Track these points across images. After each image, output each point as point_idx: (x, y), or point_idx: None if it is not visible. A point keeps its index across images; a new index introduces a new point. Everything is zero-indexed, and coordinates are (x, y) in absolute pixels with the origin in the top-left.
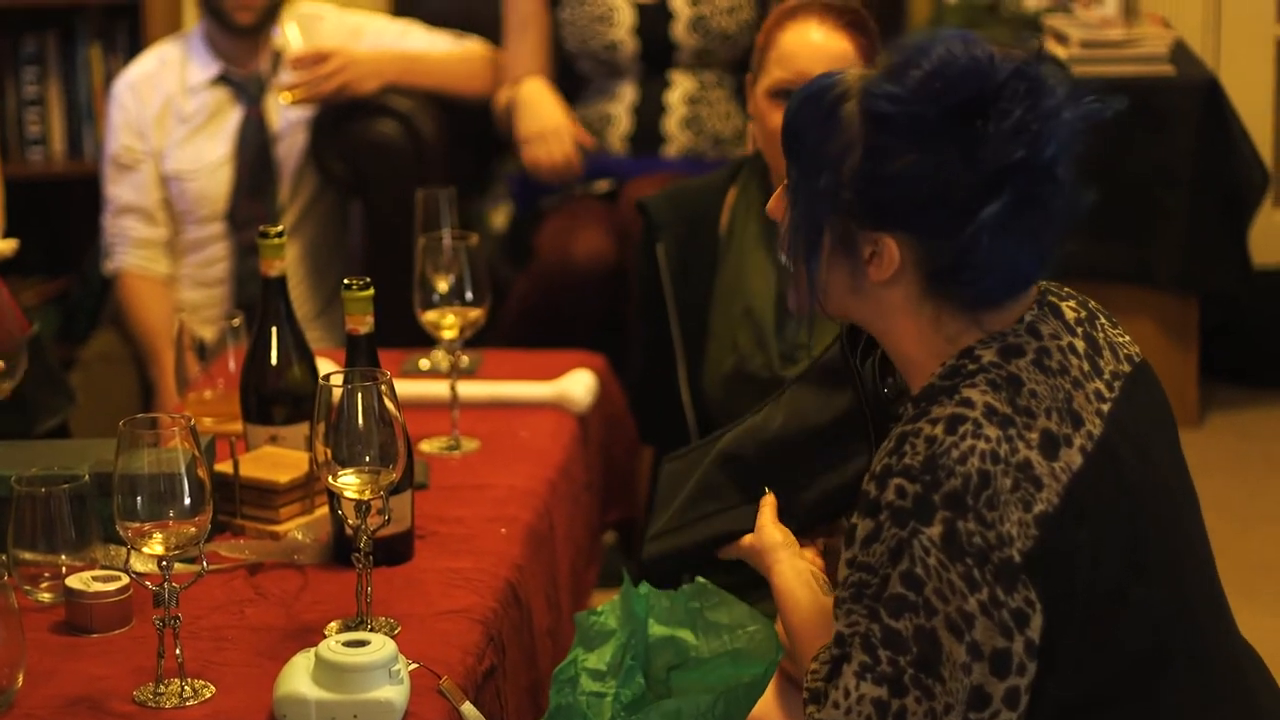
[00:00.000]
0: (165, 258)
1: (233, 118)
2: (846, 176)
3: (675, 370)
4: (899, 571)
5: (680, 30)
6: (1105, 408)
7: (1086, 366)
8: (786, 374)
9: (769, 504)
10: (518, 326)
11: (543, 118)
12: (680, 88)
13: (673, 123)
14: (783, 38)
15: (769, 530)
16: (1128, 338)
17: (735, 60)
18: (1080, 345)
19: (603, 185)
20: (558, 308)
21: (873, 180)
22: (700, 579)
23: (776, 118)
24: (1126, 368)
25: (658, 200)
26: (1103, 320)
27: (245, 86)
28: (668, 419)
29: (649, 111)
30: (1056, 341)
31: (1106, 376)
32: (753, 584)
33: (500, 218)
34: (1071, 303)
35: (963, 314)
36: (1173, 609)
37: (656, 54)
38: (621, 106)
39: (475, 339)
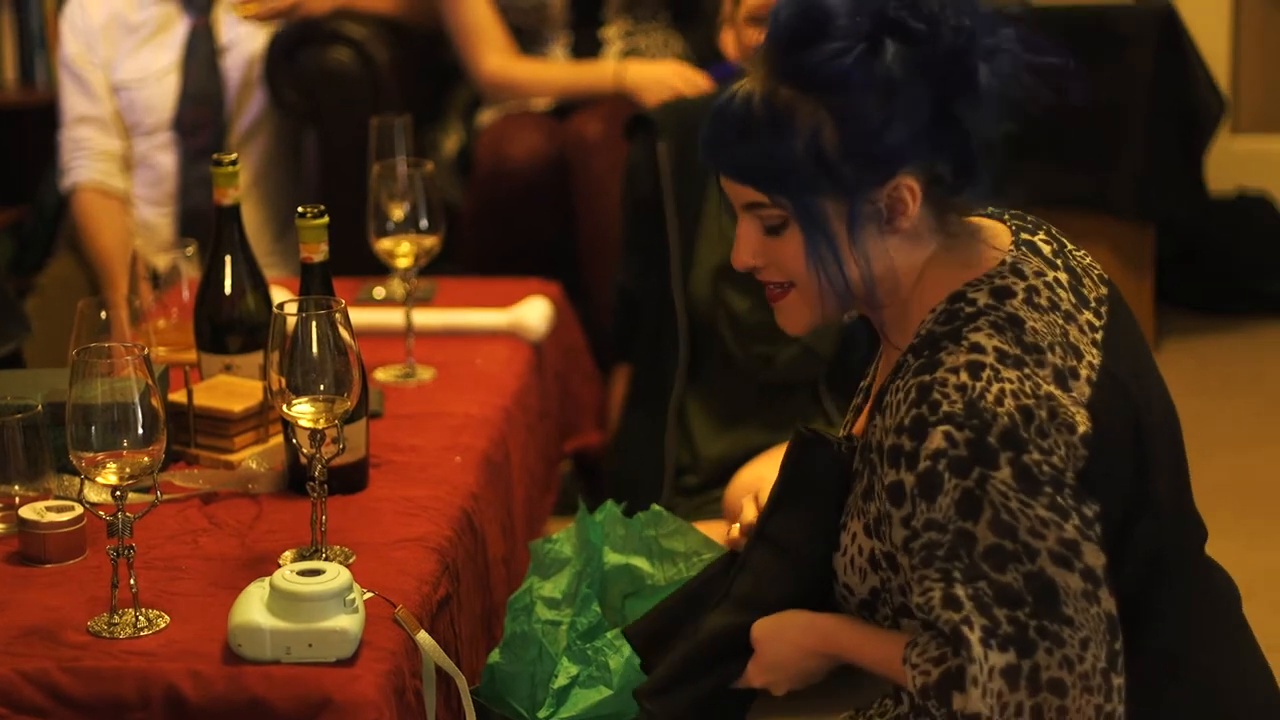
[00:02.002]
0: (121, 173)
1: (180, 28)
2: (834, 155)
3: (667, 275)
4: (984, 522)
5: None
6: (1099, 336)
7: (1073, 298)
8: None
9: None
10: (471, 243)
11: (660, 86)
12: (614, 26)
13: (610, 61)
14: None
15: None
16: (1090, 258)
17: (664, 16)
18: (1064, 278)
19: None
20: (501, 208)
21: (863, 138)
22: (656, 506)
23: (754, 36)
24: (1105, 290)
25: (658, 109)
26: (1070, 247)
27: (193, 0)
28: (655, 329)
29: (586, 53)
30: (1042, 278)
31: (1093, 304)
32: (706, 496)
33: (452, 144)
34: (1042, 234)
35: (957, 246)
36: (1170, 540)
37: (585, 7)
38: (559, 49)
39: (430, 267)
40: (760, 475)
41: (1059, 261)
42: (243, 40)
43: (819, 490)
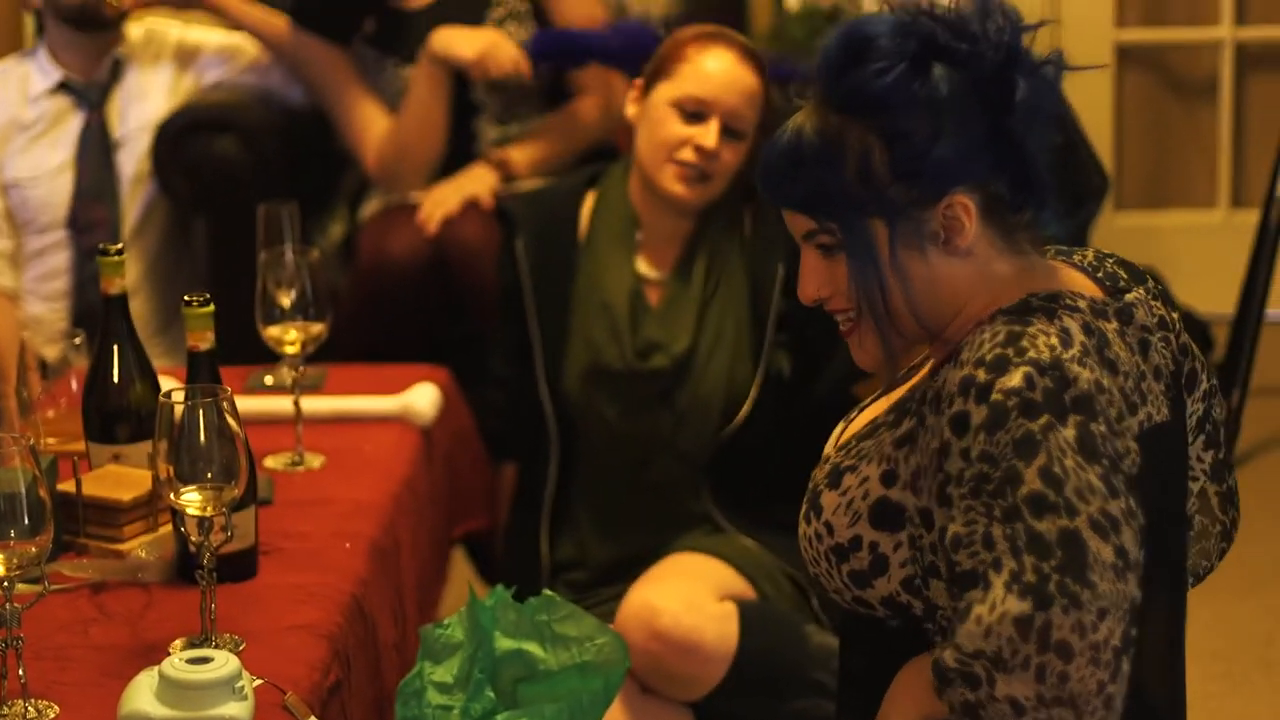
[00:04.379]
0: (10, 271)
1: (73, 124)
2: (883, 176)
3: (534, 372)
4: (1036, 467)
5: (479, 92)
6: (1165, 408)
7: (1163, 366)
8: (641, 368)
9: None
10: (347, 332)
11: (473, 38)
12: (486, 134)
13: (485, 145)
14: (703, 58)
15: None
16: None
17: (536, 103)
18: (1160, 347)
19: None
20: (379, 304)
21: (911, 157)
22: (547, 591)
23: (676, 129)
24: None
25: (517, 200)
26: (1171, 335)
27: (86, 94)
28: (530, 426)
29: (458, 151)
30: (1145, 334)
31: (1164, 387)
32: (595, 596)
33: (338, 231)
34: (1159, 303)
35: (1037, 270)
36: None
37: (460, 114)
38: None
39: (318, 353)
40: (648, 602)
41: (1157, 335)
42: (137, 134)
43: None
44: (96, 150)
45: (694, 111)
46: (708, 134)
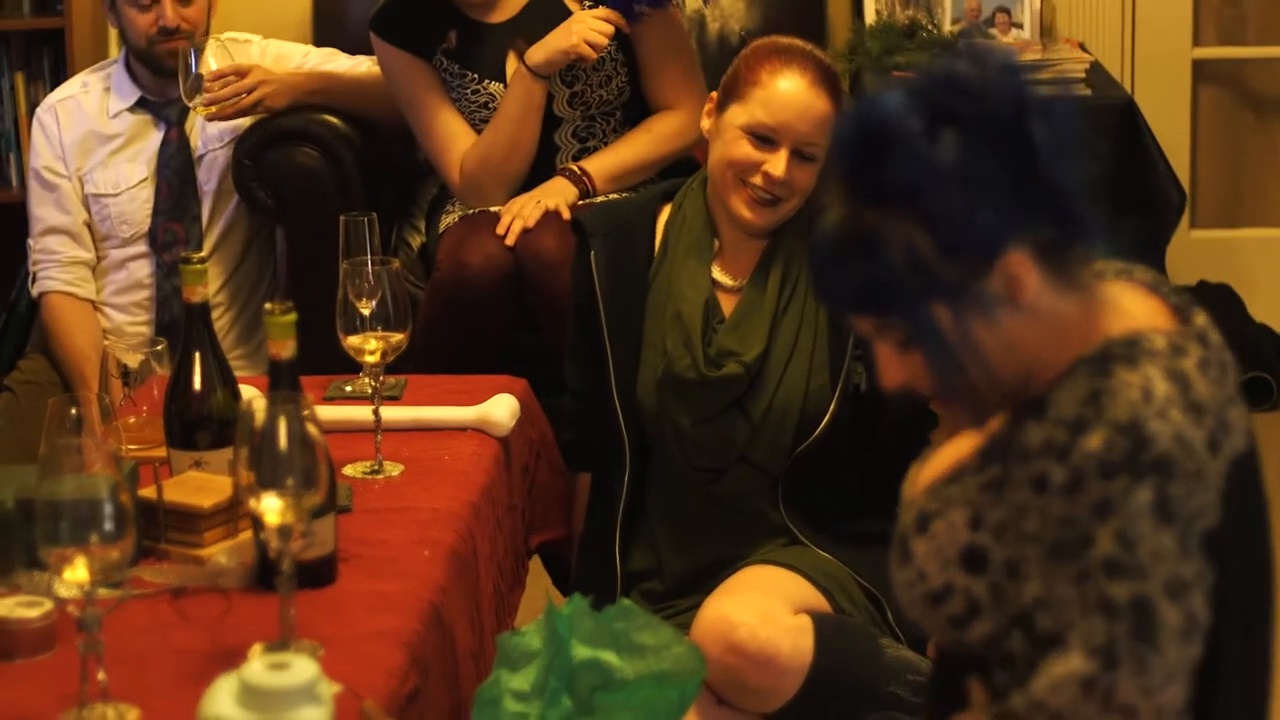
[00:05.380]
0: (92, 281)
1: (153, 140)
2: (933, 260)
3: (609, 382)
4: (1111, 530)
5: (560, 106)
6: (1244, 435)
7: (1235, 385)
8: (714, 376)
9: None
10: (423, 341)
11: (562, 31)
12: (567, 148)
13: (565, 158)
14: (776, 82)
15: None
16: None
17: (617, 117)
18: (1233, 365)
19: None
20: (455, 314)
21: (955, 233)
22: (625, 600)
23: (746, 152)
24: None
25: (591, 213)
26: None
27: (165, 111)
28: (604, 436)
29: (540, 163)
30: (1221, 355)
31: (1242, 410)
32: (672, 607)
33: (416, 241)
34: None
35: (1103, 302)
36: (1226, 664)
37: (541, 127)
38: None
39: (398, 362)
40: (724, 614)
41: (1229, 354)
42: (216, 150)
43: None
44: (176, 165)
45: (764, 137)
46: (777, 163)
